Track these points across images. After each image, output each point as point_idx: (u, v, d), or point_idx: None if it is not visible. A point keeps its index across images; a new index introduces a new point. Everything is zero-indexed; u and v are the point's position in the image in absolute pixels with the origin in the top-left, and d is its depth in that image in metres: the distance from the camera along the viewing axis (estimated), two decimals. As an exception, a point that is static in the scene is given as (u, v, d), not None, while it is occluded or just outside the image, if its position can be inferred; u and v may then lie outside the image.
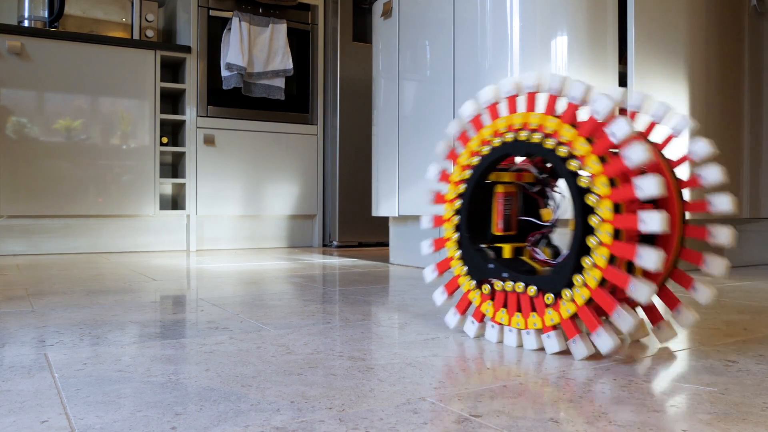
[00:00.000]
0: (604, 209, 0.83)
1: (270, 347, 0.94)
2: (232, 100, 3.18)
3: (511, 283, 0.94)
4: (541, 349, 0.92)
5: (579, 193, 0.86)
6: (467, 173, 1.02)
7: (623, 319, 0.82)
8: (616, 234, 0.83)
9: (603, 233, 0.83)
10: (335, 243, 3.33)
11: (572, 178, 0.86)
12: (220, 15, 3.13)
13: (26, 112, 2.78)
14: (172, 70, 3.34)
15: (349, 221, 3.35)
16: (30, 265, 2.30)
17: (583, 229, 0.86)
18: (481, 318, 1.00)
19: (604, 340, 0.84)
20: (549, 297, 0.89)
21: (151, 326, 1.11)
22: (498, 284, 0.97)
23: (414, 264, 2.29)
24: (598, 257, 0.84)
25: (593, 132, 0.85)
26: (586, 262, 0.85)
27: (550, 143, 0.89)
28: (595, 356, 0.88)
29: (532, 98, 0.94)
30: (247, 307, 1.32)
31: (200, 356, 0.88)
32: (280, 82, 3.21)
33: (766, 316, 1.23)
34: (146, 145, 3.02)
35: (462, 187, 1.03)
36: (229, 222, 3.23)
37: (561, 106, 0.91)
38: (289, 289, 1.63)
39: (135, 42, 3.01)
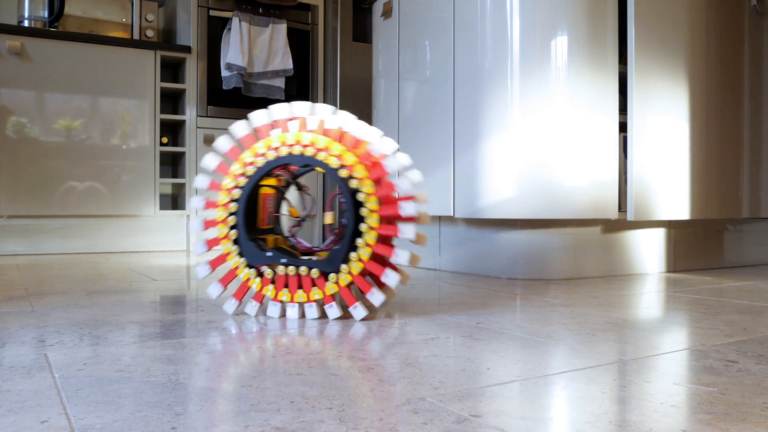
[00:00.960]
0: (371, 203, 1.15)
1: (270, 347, 0.94)
2: (232, 100, 3.18)
3: (294, 267, 1.17)
4: (324, 317, 1.18)
5: (351, 193, 1.15)
6: (242, 180, 1.21)
7: (392, 277, 1.15)
8: (381, 220, 1.15)
9: (372, 220, 1.15)
10: (335, 243, 3.33)
11: (344, 182, 1.16)
12: (220, 15, 3.13)
13: (26, 112, 2.78)
14: (172, 70, 3.34)
15: (349, 221, 3.35)
16: (30, 265, 2.30)
17: (355, 219, 1.15)
18: (261, 299, 1.20)
19: (377, 297, 1.15)
20: (332, 276, 1.15)
21: (151, 326, 1.11)
22: (281, 269, 1.17)
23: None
24: (369, 238, 1.14)
25: (356, 146, 1.19)
26: (359, 242, 1.15)
27: (322, 156, 1.17)
28: (370, 317, 1.18)
29: (303, 122, 1.21)
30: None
31: (200, 356, 0.88)
32: (280, 82, 3.21)
33: (766, 316, 1.23)
34: (146, 145, 3.02)
35: (236, 192, 1.21)
36: (229, 222, 3.23)
37: (330, 128, 1.20)
38: (289, 289, 1.63)
39: (135, 42, 3.01)
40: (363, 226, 1.15)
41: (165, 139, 3.12)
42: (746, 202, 2.21)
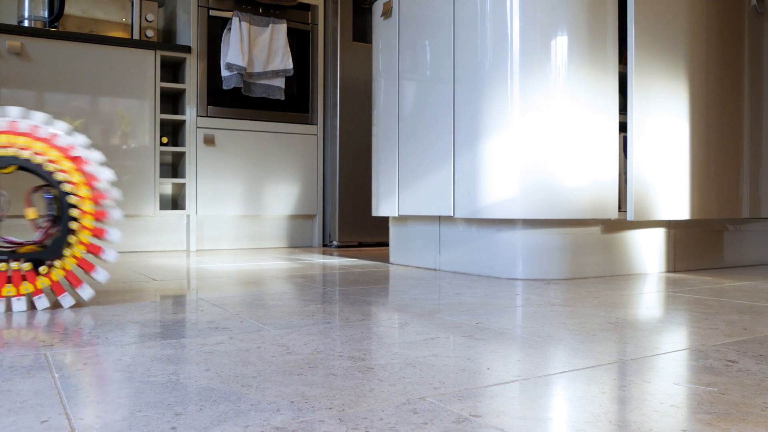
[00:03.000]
0: (87, 206, 1.29)
1: (270, 347, 0.94)
2: (232, 100, 3.18)
3: (14, 263, 1.25)
4: (33, 308, 1.28)
5: (65, 195, 1.28)
6: None
7: (102, 274, 1.33)
8: (95, 221, 1.30)
9: (87, 221, 1.29)
10: (335, 243, 3.33)
11: (58, 184, 1.28)
12: (220, 15, 3.13)
13: (26, 112, 2.78)
14: (172, 70, 3.34)
15: (349, 221, 3.35)
16: (30, 265, 2.30)
17: (68, 218, 1.28)
18: None
19: (87, 291, 1.32)
20: (43, 269, 1.26)
21: (151, 326, 1.11)
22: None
23: (414, 264, 2.29)
24: (83, 236, 1.29)
25: (68, 152, 1.30)
26: (73, 239, 1.28)
27: (39, 160, 1.27)
28: (78, 305, 1.34)
29: (14, 125, 1.28)
30: (247, 307, 1.32)
31: (200, 356, 0.88)
32: (280, 82, 3.21)
33: (766, 316, 1.23)
34: (146, 145, 3.02)
35: None
36: (229, 222, 3.23)
37: (43, 133, 1.29)
38: (289, 289, 1.63)
39: (135, 42, 3.01)
40: (75, 225, 1.29)
41: (165, 139, 3.12)
42: (746, 202, 2.21)
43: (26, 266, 1.24)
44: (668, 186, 1.94)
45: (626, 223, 1.99)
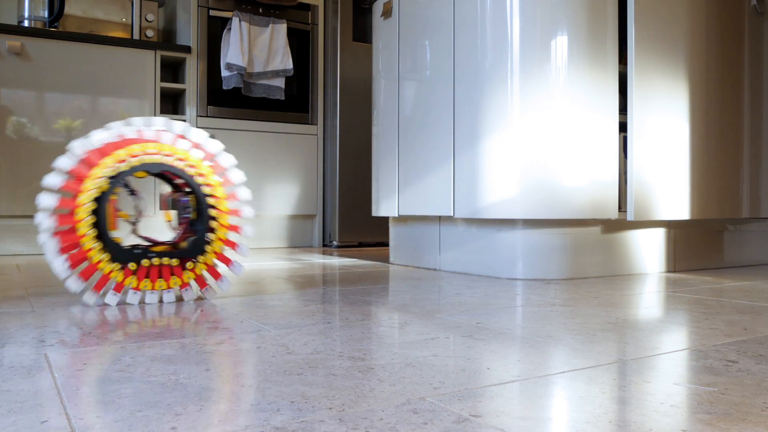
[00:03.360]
0: (223, 206, 1.42)
1: (270, 347, 0.94)
2: (232, 100, 3.18)
3: (158, 259, 1.35)
4: (180, 299, 1.41)
5: (203, 196, 1.39)
6: (104, 182, 1.31)
7: (239, 267, 1.46)
8: (232, 221, 1.42)
9: (223, 219, 1.42)
10: (335, 243, 3.33)
11: (199, 187, 1.39)
12: (220, 15, 3.13)
13: (26, 112, 2.78)
14: (172, 70, 3.34)
15: (349, 221, 3.35)
16: (30, 265, 2.30)
17: (207, 217, 1.40)
18: (120, 289, 1.33)
19: (225, 284, 1.44)
20: (189, 264, 1.39)
21: (151, 326, 1.11)
22: (146, 262, 1.34)
23: (414, 264, 2.29)
24: (221, 234, 1.41)
25: (210, 158, 1.44)
26: (211, 237, 1.41)
27: (181, 164, 1.38)
28: (221, 297, 1.47)
29: (159, 134, 1.40)
30: (247, 307, 1.32)
31: (200, 356, 0.88)
32: (280, 82, 3.21)
33: (766, 316, 1.23)
34: (146, 145, 3.01)
35: (94, 193, 1.30)
36: (229, 222, 3.23)
37: (185, 141, 1.41)
38: (289, 289, 1.63)
39: (135, 42, 3.01)
40: (214, 224, 1.41)
41: (165, 139, 3.12)
42: (746, 202, 2.21)
43: (174, 262, 1.37)
44: (668, 186, 1.94)
45: (626, 223, 1.99)
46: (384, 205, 2.36)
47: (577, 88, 1.82)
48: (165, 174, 1.41)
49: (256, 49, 3.14)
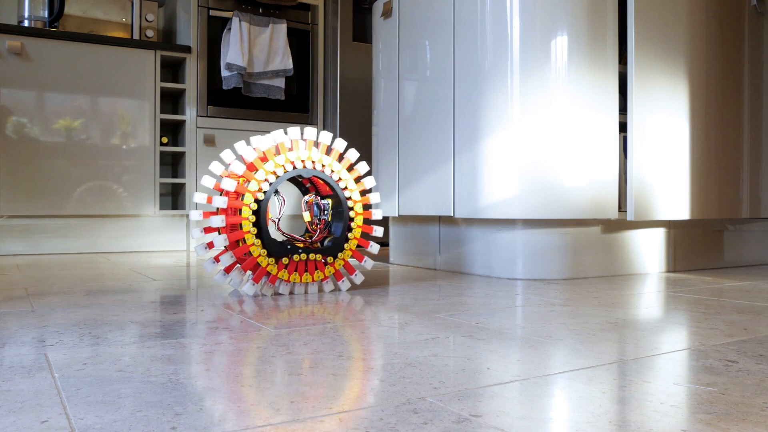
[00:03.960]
0: (359, 208, 1.60)
1: (270, 347, 0.94)
2: (232, 100, 3.18)
3: (305, 255, 1.51)
4: (321, 290, 1.57)
5: (345, 199, 1.58)
6: (265, 185, 1.47)
7: (369, 263, 1.65)
8: (365, 221, 1.53)
9: (359, 220, 1.59)
10: (335, 243, 3.33)
11: (341, 190, 1.58)
12: (220, 15, 3.13)
13: (26, 112, 2.78)
14: (172, 70, 3.34)
15: (349, 221, 3.35)
16: (30, 265, 2.30)
17: (347, 218, 1.58)
18: (274, 281, 1.49)
19: (359, 277, 1.65)
20: (329, 259, 1.54)
21: (151, 326, 1.11)
22: (296, 257, 1.50)
23: (414, 264, 2.29)
24: (356, 232, 1.59)
25: (350, 167, 1.62)
26: (349, 236, 1.58)
27: (327, 171, 1.56)
28: (352, 288, 1.64)
29: (311, 143, 1.55)
30: (247, 307, 1.32)
31: (200, 356, 0.88)
32: (280, 82, 3.21)
33: (766, 316, 1.23)
34: (146, 145, 3.02)
35: (260, 195, 1.46)
36: (229, 222, 3.23)
37: (331, 150, 1.59)
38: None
39: (135, 42, 3.01)
40: (352, 224, 1.59)
41: (165, 139, 3.12)
42: (746, 202, 2.21)
43: (319, 257, 1.53)
44: (668, 186, 1.94)
45: (626, 223, 1.99)
46: (384, 205, 2.36)
47: (577, 88, 1.82)
48: (298, 178, 1.60)
49: (256, 49, 3.14)
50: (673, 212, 1.95)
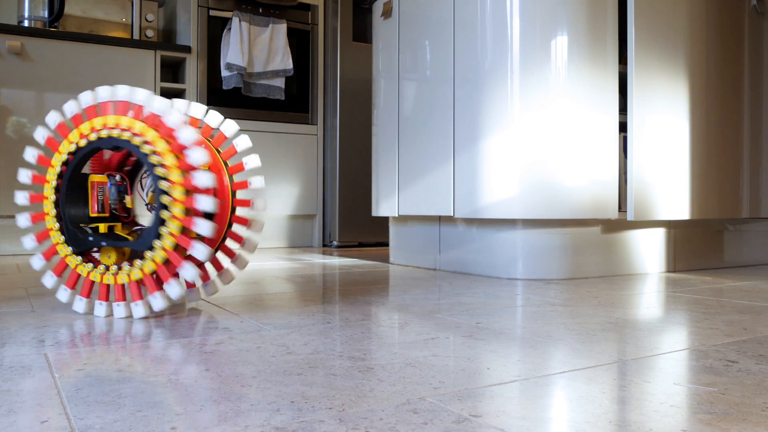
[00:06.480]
0: (177, 193, 1.10)
1: (270, 347, 0.94)
2: (232, 100, 3.18)
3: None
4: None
5: (157, 179, 1.11)
6: (64, 158, 1.19)
7: (188, 271, 1.13)
8: (187, 211, 1.11)
9: (176, 210, 1.11)
10: (335, 243, 3.33)
11: (152, 167, 1.12)
12: (220, 15, 3.13)
13: (26, 112, 2.78)
14: (172, 70, 3.34)
15: (349, 221, 3.35)
16: (30, 265, 2.30)
17: (160, 206, 1.12)
18: (90, 285, 1.21)
19: (174, 289, 1.14)
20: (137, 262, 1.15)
21: (151, 326, 1.11)
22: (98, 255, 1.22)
23: (414, 264, 2.29)
24: (172, 227, 1.11)
25: (170, 135, 1.13)
26: (164, 230, 1.12)
27: (137, 141, 1.13)
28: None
29: (123, 105, 1.18)
30: (247, 307, 1.32)
31: (200, 356, 0.88)
32: (280, 82, 3.21)
33: (766, 316, 1.23)
34: (146, 145, 3.01)
35: (59, 170, 1.20)
36: (229, 222, 3.23)
37: (146, 114, 1.16)
38: (289, 289, 1.63)
39: (135, 42, 3.01)
40: (167, 214, 1.11)
41: (165, 139, 3.12)
42: (746, 202, 2.21)
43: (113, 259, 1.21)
44: (668, 186, 1.94)
45: (626, 223, 1.99)
46: (384, 205, 2.36)
47: (577, 88, 1.82)
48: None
49: (256, 49, 3.14)
50: (673, 212, 1.95)
